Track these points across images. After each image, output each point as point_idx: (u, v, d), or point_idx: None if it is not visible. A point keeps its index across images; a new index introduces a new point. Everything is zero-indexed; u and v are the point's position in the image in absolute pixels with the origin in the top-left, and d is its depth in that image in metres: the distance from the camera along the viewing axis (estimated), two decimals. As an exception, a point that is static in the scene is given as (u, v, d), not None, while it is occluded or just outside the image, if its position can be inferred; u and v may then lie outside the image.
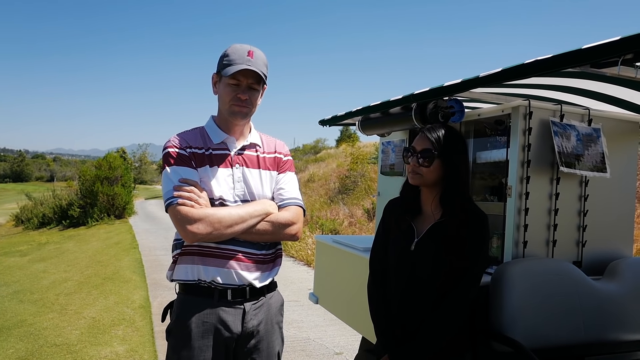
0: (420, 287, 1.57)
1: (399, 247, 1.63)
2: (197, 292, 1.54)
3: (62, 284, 7.30)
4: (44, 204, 19.90)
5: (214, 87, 1.63)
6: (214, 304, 1.53)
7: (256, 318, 1.58)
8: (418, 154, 1.61)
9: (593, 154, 2.01)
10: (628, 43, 1.17)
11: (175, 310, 1.58)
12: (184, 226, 1.44)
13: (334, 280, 2.79)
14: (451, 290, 1.52)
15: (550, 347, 1.75)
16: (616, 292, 1.92)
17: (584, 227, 2.05)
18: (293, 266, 8.08)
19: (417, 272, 1.57)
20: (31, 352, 4.18)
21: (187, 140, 1.59)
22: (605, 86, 2.00)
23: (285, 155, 1.75)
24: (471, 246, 1.53)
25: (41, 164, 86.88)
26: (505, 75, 1.56)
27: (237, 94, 1.56)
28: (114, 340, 4.46)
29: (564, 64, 1.34)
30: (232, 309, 1.54)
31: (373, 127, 2.62)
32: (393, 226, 1.69)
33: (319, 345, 4.24)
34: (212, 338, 1.52)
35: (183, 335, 1.52)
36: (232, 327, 1.54)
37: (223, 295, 1.53)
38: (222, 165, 1.59)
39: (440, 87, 1.89)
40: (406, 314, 1.58)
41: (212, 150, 1.60)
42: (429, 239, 1.58)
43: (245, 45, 1.57)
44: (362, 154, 14.37)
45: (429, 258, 1.56)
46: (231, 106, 1.57)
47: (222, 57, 1.57)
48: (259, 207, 1.56)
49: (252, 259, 1.58)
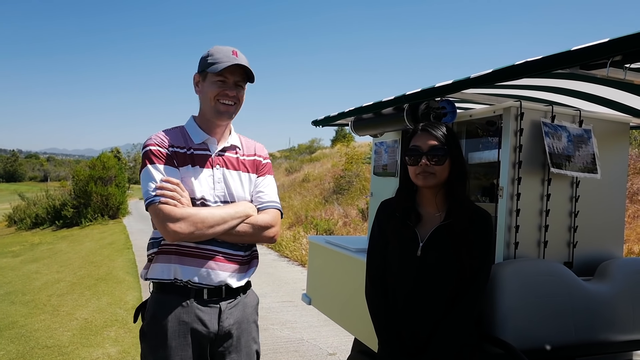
0: (428, 291, 1.51)
1: (403, 254, 1.56)
2: (173, 291, 1.53)
3: (54, 285, 7.25)
4: (37, 204, 19.77)
5: (196, 86, 1.63)
6: (190, 303, 1.52)
7: (232, 317, 1.58)
8: (427, 153, 1.52)
9: (584, 155, 2.01)
10: (616, 45, 1.17)
11: (149, 310, 1.56)
12: (166, 225, 1.43)
13: (327, 282, 2.79)
14: (464, 293, 1.48)
15: (541, 348, 1.75)
16: (607, 292, 1.93)
17: (574, 228, 2.06)
18: (287, 267, 8.06)
19: (424, 276, 1.51)
20: (22, 354, 4.14)
21: (169, 138, 1.58)
22: (595, 87, 2.01)
23: (265, 158, 1.76)
24: (480, 247, 1.49)
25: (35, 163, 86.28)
26: (496, 76, 1.56)
27: (224, 90, 1.57)
28: (106, 341, 4.43)
29: (553, 65, 1.34)
30: (208, 308, 1.54)
31: (366, 127, 2.62)
32: (392, 232, 1.61)
33: (313, 346, 4.24)
34: (189, 337, 1.51)
35: (159, 335, 1.50)
36: (208, 325, 1.53)
37: (199, 295, 1.53)
38: (203, 165, 1.59)
39: (432, 88, 1.89)
40: (414, 319, 1.52)
41: (194, 150, 1.60)
42: (435, 242, 1.52)
43: (227, 46, 1.60)
44: (357, 154, 14.38)
45: (438, 262, 1.50)
46: (217, 104, 1.57)
47: (205, 57, 1.59)
48: (239, 209, 1.57)
49: (230, 260, 1.58)
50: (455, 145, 1.56)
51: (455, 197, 1.54)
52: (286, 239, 9.72)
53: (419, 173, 1.54)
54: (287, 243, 9.40)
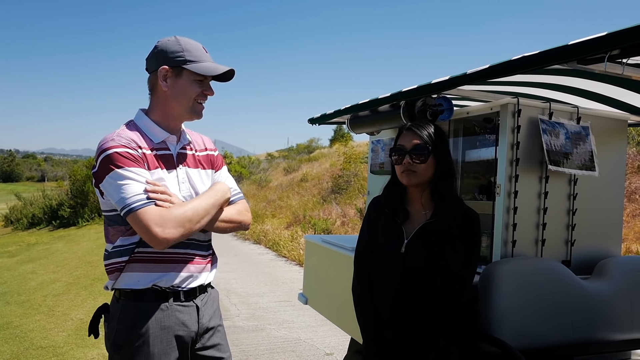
0: (413, 290, 1.52)
1: (388, 250, 1.59)
2: (149, 297, 1.43)
3: (50, 285, 7.21)
4: (34, 204, 19.69)
5: (163, 81, 1.45)
6: (169, 305, 1.45)
7: (207, 313, 1.56)
8: (410, 152, 1.54)
9: (582, 152, 2.00)
10: (614, 39, 1.15)
11: (121, 319, 1.43)
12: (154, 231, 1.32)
13: (324, 281, 2.76)
14: (445, 293, 1.48)
15: (539, 347, 1.74)
16: (605, 291, 1.91)
17: (572, 226, 2.04)
18: (285, 266, 8.04)
19: (409, 275, 1.52)
20: (16, 355, 4.10)
21: (134, 139, 1.43)
22: (593, 84, 1.99)
23: (215, 150, 1.70)
24: (464, 247, 1.49)
25: (32, 163, 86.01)
26: (493, 72, 1.54)
27: (204, 90, 1.49)
28: (101, 342, 4.39)
29: (550, 60, 1.32)
30: (187, 308, 1.49)
31: (362, 125, 2.60)
32: (380, 228, 1.64)
33: (310, 345, 4.21)
34: (173, 341, 1.45)
35: (140, 344, 1.41)
36: (189, 325, 1.49)
37: (176, 296, 1.47)
38: (167, 166, 1.49)
39: (429, 85, 1.87)
40: (398, 317, 1.53)
41: (156, 151, 1.48)
42: (419, 240, 1.53)
43: (191, 39, 1.49)
44: (355, 154, 14.37)
45: (421, 259, 1.51)
46: (194, 104, 1.49)
47: (177, 51, 1.44)
48: (218, 196, 1.51)
49: (204, 260, 1.56)
50: (440, 145, 1.56)
51: (441, 196, 1.54)
52: (284, 239, 9.69)
53: (403, 171, 1.56)
54: (285, 243, 9.37)
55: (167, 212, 1.36)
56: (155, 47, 1.49)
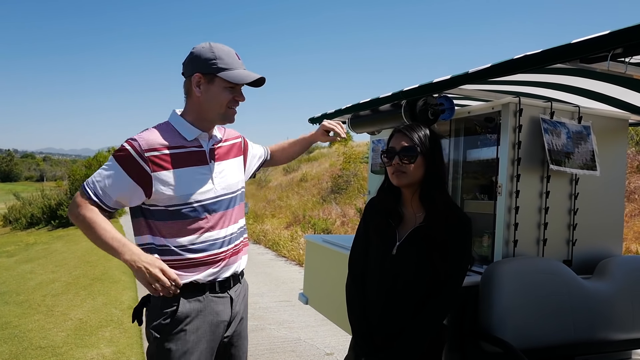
0: (403, 291, 1.53)
1: (380, 251, 1.59)
2: (188, 290, 1.53)
3: (49, 285, 7.19)
4: (33, 204, 19.66)
5: (196, 87, 1.54)
6: (205, 297, 1.56)
7: (239, 303, 1.67)
8: (399, 153, 1.56)
9: (583, 152, 1.99)
10: (617, 37, 1.15)
11: (161, 309, 1.52)
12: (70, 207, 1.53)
13: (324, 281, 2.76)
14: (433, 296, 1.49)
15: (540, 347, 1.73)
16: (606, 291, 1.91)
17: (574, 226, 2.04)
18: (285, 266, 8.03)
19: (400, 277, 1.53)
20: (15, 355, 4.09)
21: (157, 139, 1.52)
22: (594, 83, 1.99)
23: (237, 137, 1.83)
24: (454, 252, 1.49)
25: (30, 163, 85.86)
26: (495, 71, 1.53)
27: (235, 97, 1.57)
28: (100, 342, 4.38)
29: (553, 59, 1.32)
30: (221, 299, 1.60)
31: (363, 125, 2.59)
32: (374, 230, 1.64)
33: (310, 345, 4.21)
34: (207, 329, 1.55)
35: (178, 332, 1.51)
36: (223, 315, 1.60)
37: (212, 288, 1.58)
38: (200, 162, 1.58)
39: (430, 84, 1.86)
40: (388, 318, 1.55)
41: (188, 149, 1.56)
42: (411, 243, 1.54)
43: (224, 45, 1.56)
44: (354, 154, 14.36)
45: (411, 262, 1.52)
46: (227, 110, 1.58)
47: (210, 58, 1.51)
48: (115, 246, 1.47)
49: (237, 249, 1.66)
50: (432, 147, 1.57)
51: (431, 199, 1.55)
52: (283, 239, 9.69)
53: (393, 172, 1.58)
54: (285, 243, 9.36)
55: (84, 206, 1.49)
56: (190, 54, 1.56)
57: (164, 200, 1.50)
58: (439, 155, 1.59)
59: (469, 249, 1.54)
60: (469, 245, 1.54)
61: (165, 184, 1.49)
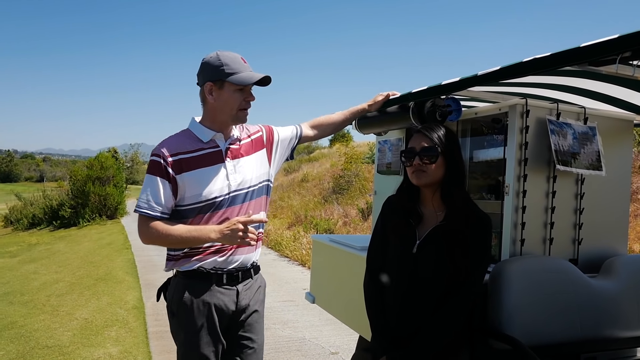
0: (422, 290, 1.54)
1: (399, 251, 1.61)
2: (197, 277, 1.70)
3: (53, 285, 7.22)
4: (34, 204, 19.67)
5: (209, 95, 1.69)
6: (212, 287, 1.70)
7: (247, 297, 1.78)
8: (420, 153, 1.59)
9: (589, 152, 2.02)
10: (626, 41, 1.17)
11: (176, 291, 1.72)
12: (139, 234, 1.70)
13: (331, 280, 2.79)
14: (452, 295, 1.50)
15: (548, 344, 1.76)
16: (612, 289, 1.94)
17: (580, 225, 2.07)
18: (287, 266, 8.06)
19: (419, 275, 1.55)
20: (22, 354, 4.12)
21: (175, 145, 1.69)
22: (600, 85, 2.01)
23: (258, 131, 1.90)
24: (474, 250, 1.51)
25: (30, 164, 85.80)
26: (503, 74, 1.56)
27: (245, 98, 1.70)
28: (107, 341, 4.41)
29: (562, 62, 1.34)
30: (228, 291, 1.73)
31: (370, 126, 2.61)
32: (393, 228, 1.66)
33: (315, 345, 4.24)
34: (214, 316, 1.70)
35: (189, 313, 1.69)
36: (228, 306, 1.72)
37: (219, 280, 1.71)
38: (216, 161, 1.72)
39: (438, 86, 1.89)
40: (407, 316, 1.56)
41: (203, 151, 1.71)
42: (431, 242, 1.55)
43: (230, 52, 1.70)
44: (356, 154, 14.38)
45: (431, 261, 1.53)
46: (239, 112, 1.71)
47: (218, 65, 1.65)
48: (193, 236, 1.65)
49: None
50: (451, 147, 1.60)
51: (451, 198, 1.57)
52: (286, 239, 9.71)
53: (413, 172, 1.61)
54: (287, 243, 9.39)
55: (149, 226, 1.64)
56: (200, 65, 1.72)
57: (186, 199, 1.68)
58: (457, 154, 1.61)
59: (489, 248, 1.56)
60: (489, 244, 1.56)
61: (185, 185, 1.66)
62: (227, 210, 1.70)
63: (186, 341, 1.70)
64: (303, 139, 2.06)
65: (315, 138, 2.13)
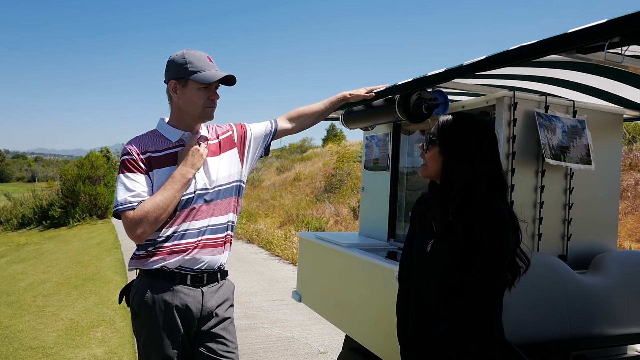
0: (433, 290, 1.46)
1: (417, 249, 1.54)
2: (159, 276, 1.66)
3: (40, 285, 7.10)
4: (24, 204, 19.47)
5: (174, 93, 1.70)
6: (175, 287, 1.66)
7: (214, 299, 1.72)
8: (421, 140, 1.53)
9: (578, 146, 1.98)
10: (615, 26, 1.13)
11: (137, 291, 1.69)
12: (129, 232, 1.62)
13: (318, 278, 2.73)
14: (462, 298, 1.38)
15: (536, 342, 1.72)
16: (601, 286, 1.90)
17: (569, 221, 2.03)
18: (278, 265, 8.00)
19: (432, 275, 1.46)
20: (5, 356, 4.03)
21: (144, 144, 1.68)
22: (589, 77, 1.98)
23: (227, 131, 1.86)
24: (487, 247, 1.35)
25: (22, 164, 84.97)
26: (489, 63, 1.50)
27: (209, 97, 1.70)
28: (92, 342, 4.33)
29: (549, 50, 1.29)
30: (192, 291, 1.67)
31: (356, 120, 2.56)
32: (419, 225, 1.58)
33: (304, 344, 4.18)
34: (176, 317, 1.65)
35: (149, 314, 1.65)
36: (192, 307, 1.67)
37: (183, 280, 1.67)
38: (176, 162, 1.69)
39: (424, 77, 1.83)
40: (421, 317, 1.48)
41: (172, 150, 1.70)
42: (442, 240, 1.46)
43: (197, 51, 1.70)
44: (348, 153, 14.36)
45: (442, 260, 1.43)
46: (204, 109, 1.70)
47: (181, 64, 1.66)
48: (177, 184, 1.63)
49: (211, 244, 1.70)
50: (452, 137, 1.46)
51: (443, 193, 1.47)
52: (277, 238, 9.65)
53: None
54: (278, 242, 9.33)
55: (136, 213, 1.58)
56: (167, 63, 1.72)
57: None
58: (459, 147, 1.43)
59: (503, 248, 1.38)
60: (502, 244, 1.37)
61: (154, 183, 1.65)
62: (192, 209, 1.67)
63: (147, 341, 1.66)
64: (279, 133, 1.98)
65: (295, 131, 2.04)
